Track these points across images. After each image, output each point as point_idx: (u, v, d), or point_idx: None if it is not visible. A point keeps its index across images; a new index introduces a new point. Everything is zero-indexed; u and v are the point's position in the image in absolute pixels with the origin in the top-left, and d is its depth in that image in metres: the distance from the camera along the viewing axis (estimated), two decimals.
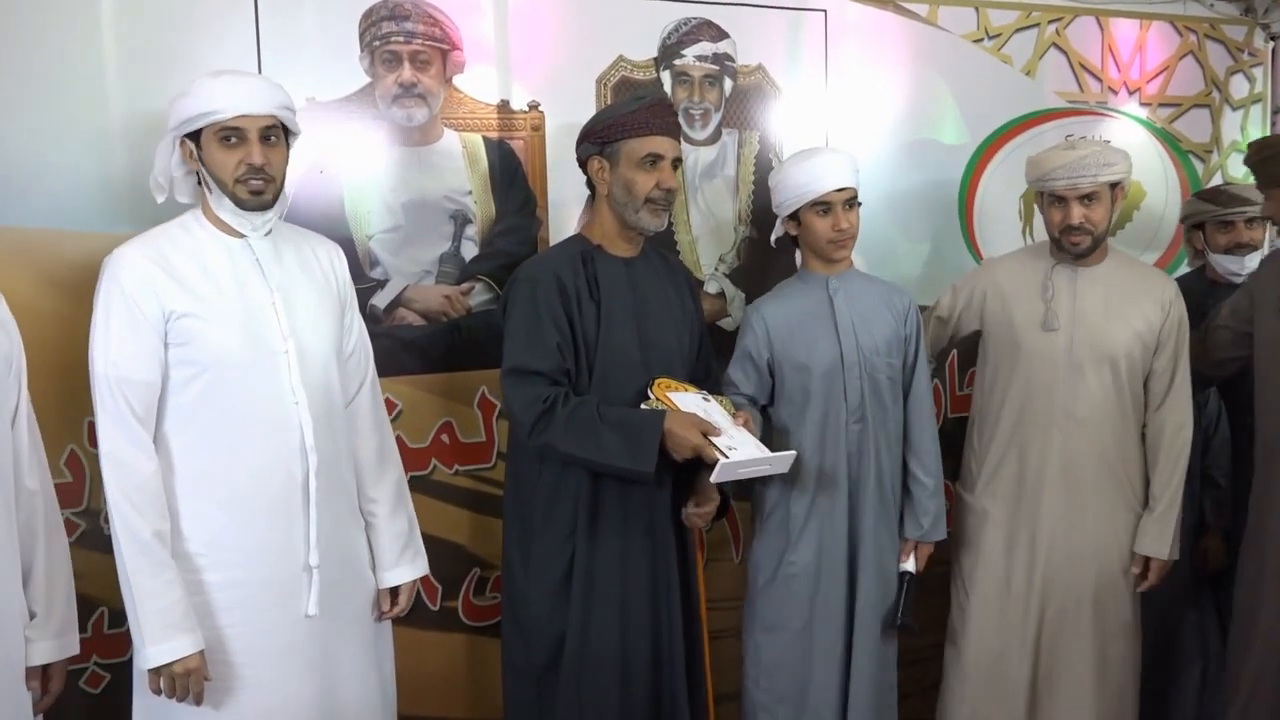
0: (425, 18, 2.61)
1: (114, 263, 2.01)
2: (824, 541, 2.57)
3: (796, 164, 2.57)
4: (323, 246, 2.26)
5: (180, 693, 1.98)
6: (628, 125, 2.33)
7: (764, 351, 2.59)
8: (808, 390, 2.57)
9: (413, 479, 2.62)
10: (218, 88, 1.99)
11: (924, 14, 3.25)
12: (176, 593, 1.97)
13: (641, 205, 2.35)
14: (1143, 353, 2.67)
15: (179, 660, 1.96)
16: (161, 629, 1.96)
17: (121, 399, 1.97)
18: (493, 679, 2.57)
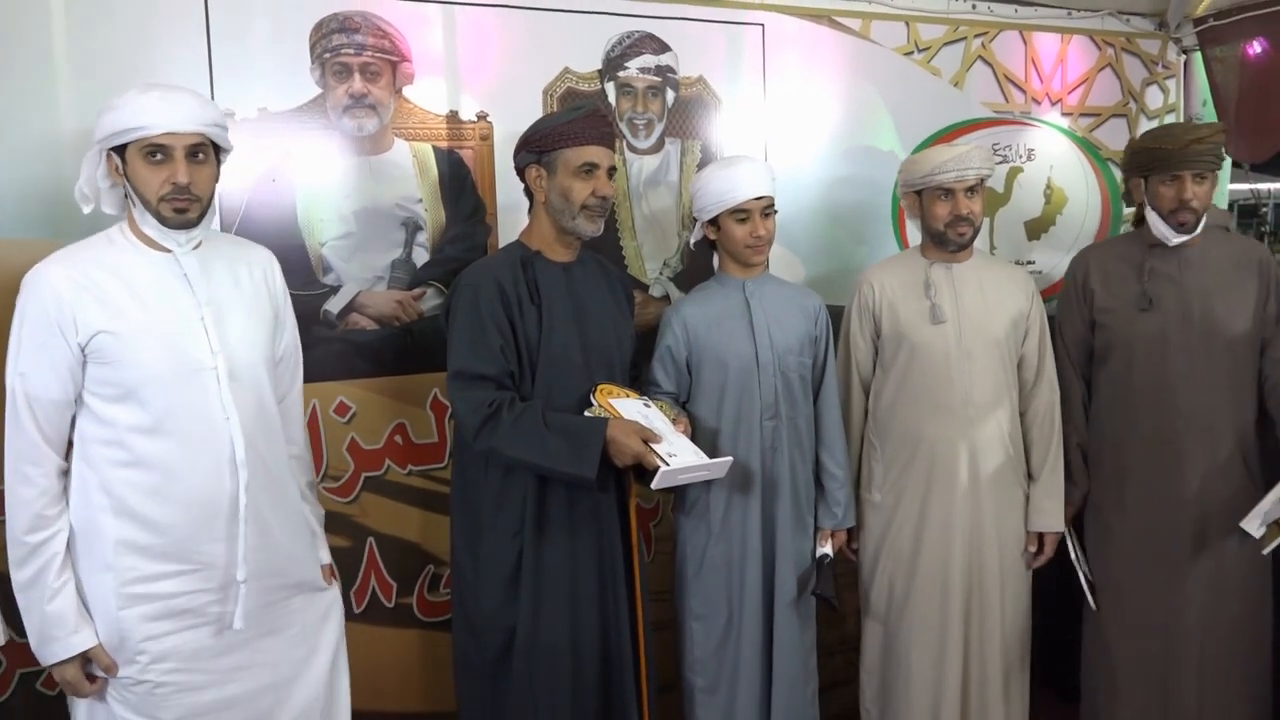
0: (375, 30, 2.58)
1: (34, 279, 1.92)
2: (742, 533, 2.58)
3: (717, 172, 2.55)
4: (255, 254, 2.17)
5: (70, 692, 1.99)
6: (564, 135, 2.31)
7: (683, 350, 2.59)
8: (723, 388, 2.57)
9: (367, 479, 2.61)
10: (145, 103, 1.89)
11: (857, 28, 3.27)
12: (56, 601, 1.93)
13: (578, 212, 2.34)
14: (1016, 338, 2.75)
15: (54, 666, 1.95)
16: (42, 635, 1.94)
17: (27, 413, 1.91)
18: (447, 673, 2.54)
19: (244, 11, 2.43)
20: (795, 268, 3.21)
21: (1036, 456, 2.77)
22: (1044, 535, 2.77)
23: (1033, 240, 3.66)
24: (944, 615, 2.72)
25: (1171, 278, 2.72)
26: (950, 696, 2.73)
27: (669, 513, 3.06)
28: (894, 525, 2.75)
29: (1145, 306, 2.73)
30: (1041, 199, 3.66)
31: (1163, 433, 2.71)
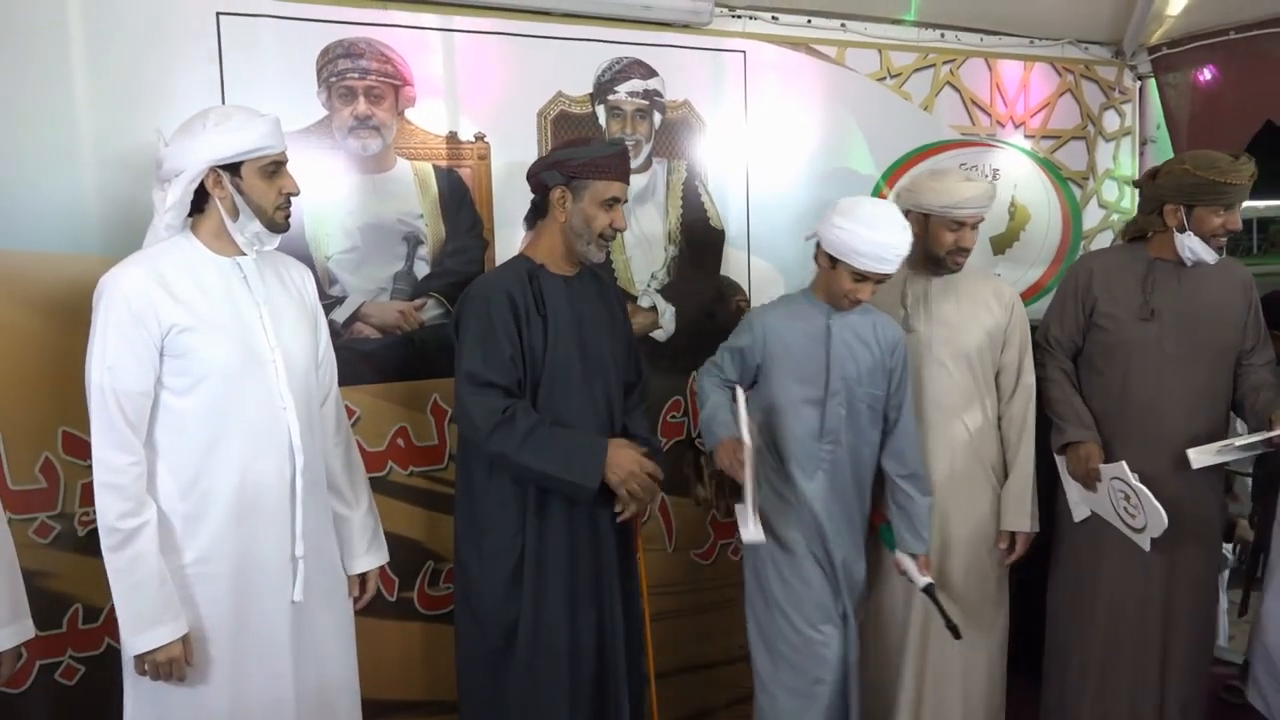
0: (378, 55, 2.62)
1: (114, 280, 1.98)
2: (803, 546, 2.60)
3: (867, 231, 2.41)
4: (295, 268, 2.27)
5: (164, 675, 1.98)
6: (599, 168, 2.36)
7: (756, 355, 2.60)
8: (787, 406, 2.57)
9: (371, 480, 2.61)
10: (266, 126, 2.04)
11: (833, 55, 3.33)
12: (155, 585, 1.96)
13: (594, 239, 2.39)
14: (992, 349, 2.79)
15: (161, 648, 1.96)
16: (143, 619, 1.95)
17: (115, 406, 1.95)
18: (447, 663, 2.57)
19: (254, 38, 2.47)
20: (775, 280, 3.26)
21: (1009, 459, 2.82)
22: (1015, 534, 2.81)
23: (998, 255, 3.73)
24: (906, 612, 2.77)
25: (1172, 291, 2.77)
26: (907, 698, 2.79)
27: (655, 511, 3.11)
28: None
29: (1146, 316, 2.77)
30: (1006, 216, 3.73)
31: (1152, 437, 2.76)
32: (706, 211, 3.16)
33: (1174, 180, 2.72)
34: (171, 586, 1.98)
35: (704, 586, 3.24)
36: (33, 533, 2.29)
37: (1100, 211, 3.95)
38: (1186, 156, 2.76)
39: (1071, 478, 2.82)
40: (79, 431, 2.01)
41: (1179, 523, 2.62)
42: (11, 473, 2.26)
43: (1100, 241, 3.90)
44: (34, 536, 2.29)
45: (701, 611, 3.23)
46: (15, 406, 2.23)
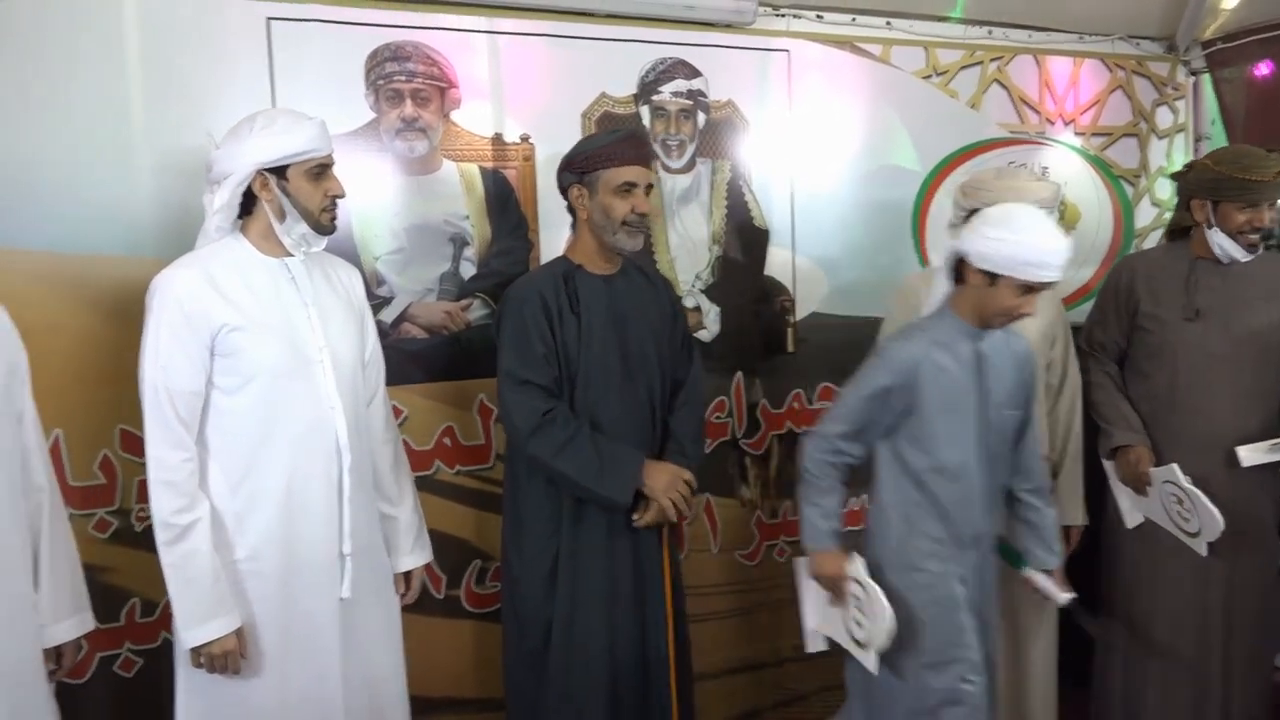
0: (425, 58, 2.64)
1: (166, 280, 2.02)
2: (964, 597, 2.33)
3: (1036, 239, 2.16)
4: (343, 269, 2.29)
5: (218, 668, 2.01)
6: (603, 156, 2.37)
7: (903, 399, 2.23)
8: (937, 437, 2.27)
9: (418, 479, 2.63)
10: (313, 130, 2.06)
11: (877, 53, 3.30)
12: (208, 580, 1.99)
13: (618, 228, 2.38)
14: (1044, 347, 2.74)
15: (215, 641, 1.99)
16: (197, 613, 1.98)
17: (168, 404, 1.98)
18: (494, 661, 2.58)
19: (304, 42, 2.50)
20: (819, 279, 3.24)
21: (1056, 454, 2.77)
22: (1068, 529, 2.76)
23: None
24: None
25: (1215, 289, 2.72)
26: None
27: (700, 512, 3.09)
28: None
29: (1191, 316, 2.72)
30: (1055, 214, 3.65)
31: (1201, 439, 2.69)
32: (750, 211, 3.14)
33: (1199, 175, 2.69)
34: (225, 581, 2.01)
35: (750, 588, 3.21)
36: (92, 528, 2.33)
37: (1153, 210, 3.86)
38: (1217, 150, 2.72)
39: (1121, 483, 2.76)
40: (136, 429, 2.04)
41: (1234, 525, 2.55)
42: (72, 469, 2.30)
43: (1153, 240, 3.82)
44: (94, 532, 2.33)
45: (747, 612, 3.21)
46: (75, 405, 2.27)
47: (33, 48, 2.23)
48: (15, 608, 1.82)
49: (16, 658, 1.82)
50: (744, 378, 3.15)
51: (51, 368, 2.13)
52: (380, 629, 2.25)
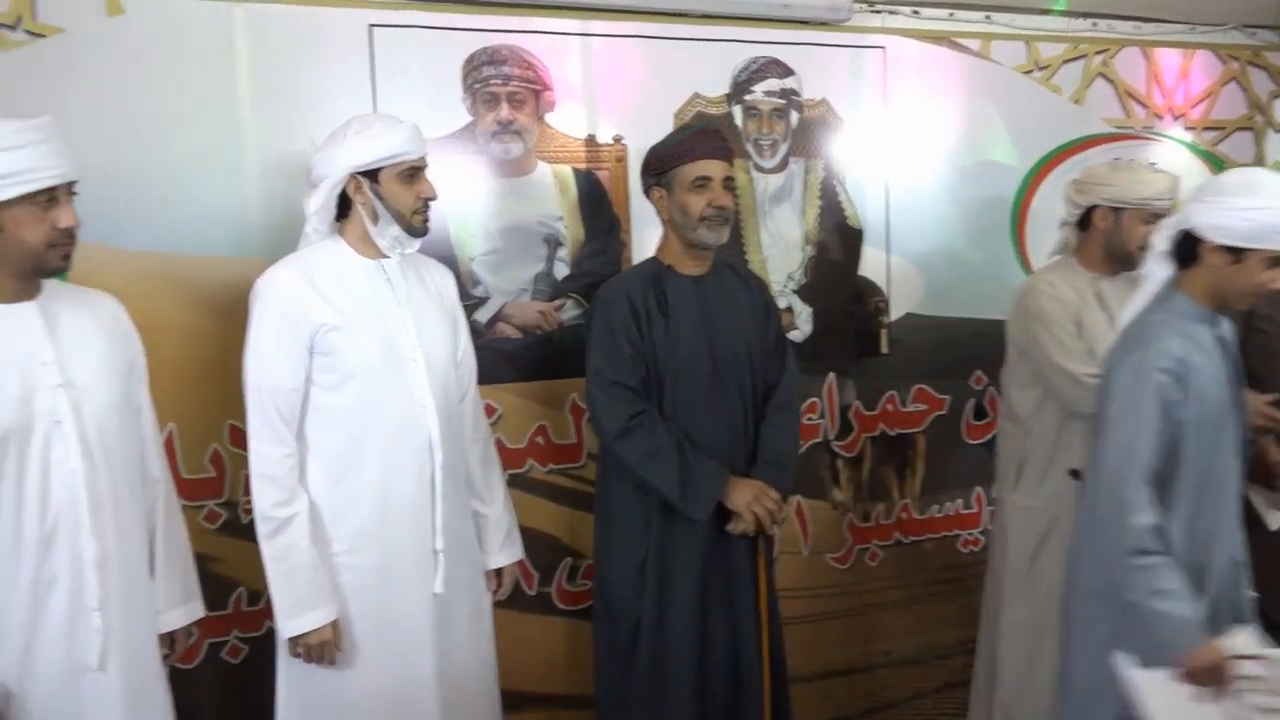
0: (520, 62, 2.67)
1: (268, 281, 2.08)
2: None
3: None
4: (437, 270, 2.32)
5: (315, 658, 2.05)
6: (676, 155, 2.36)
7: (1184, 410, 1.94)
8: (1215, 459, 2.01)
9: (511, 477, 2.67)
10: (405, 133, 2.09)
11: (976, 48, 3.22)
12: (307, 573, 2.04)
13: (698, 223, 2.36)
14: None
15: (312, 631, 2.04)
16: (296, 604, 2.03)
17: (269, 401, 2.04)
18: (585, 657, 2.59)
19: (404, 48, 2.55)
20: (914, 279, 3.18)
21: None
22: None
23: None
24: None
25: None
26: None
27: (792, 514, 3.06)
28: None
29: None
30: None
31: None
32: (844, 211, 3.09)
33: None
34: (323, 574, 2.06)
35: (841, 591, 3.17)
36: (203, 519, 2.41)
37: None
38: None
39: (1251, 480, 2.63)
40: (243, 425, 2.10)
41: None
42: (185, 462, 2.39)
43: None
44: (204, 523, 2.41)
45: (838, 616, 3.16)
46: (187, 401, 2.35)
47: (149, 59, 2.32)
48: (136, 594, 1.89)
49: (136, 642, 1.88)
50: (836, 379, 3.11)
51: (166, 364, 2.21)
52: (472, 624, 2.27)
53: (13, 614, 1.73)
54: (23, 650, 1.74)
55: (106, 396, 1.85)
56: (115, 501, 1.84)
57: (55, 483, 1.75)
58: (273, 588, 2.05)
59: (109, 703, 1.82)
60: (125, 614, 1.84)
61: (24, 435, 1.73)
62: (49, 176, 1.70)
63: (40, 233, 1.71)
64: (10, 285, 1.76)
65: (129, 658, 1.85)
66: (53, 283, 1.85)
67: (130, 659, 1.85)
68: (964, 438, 3.30)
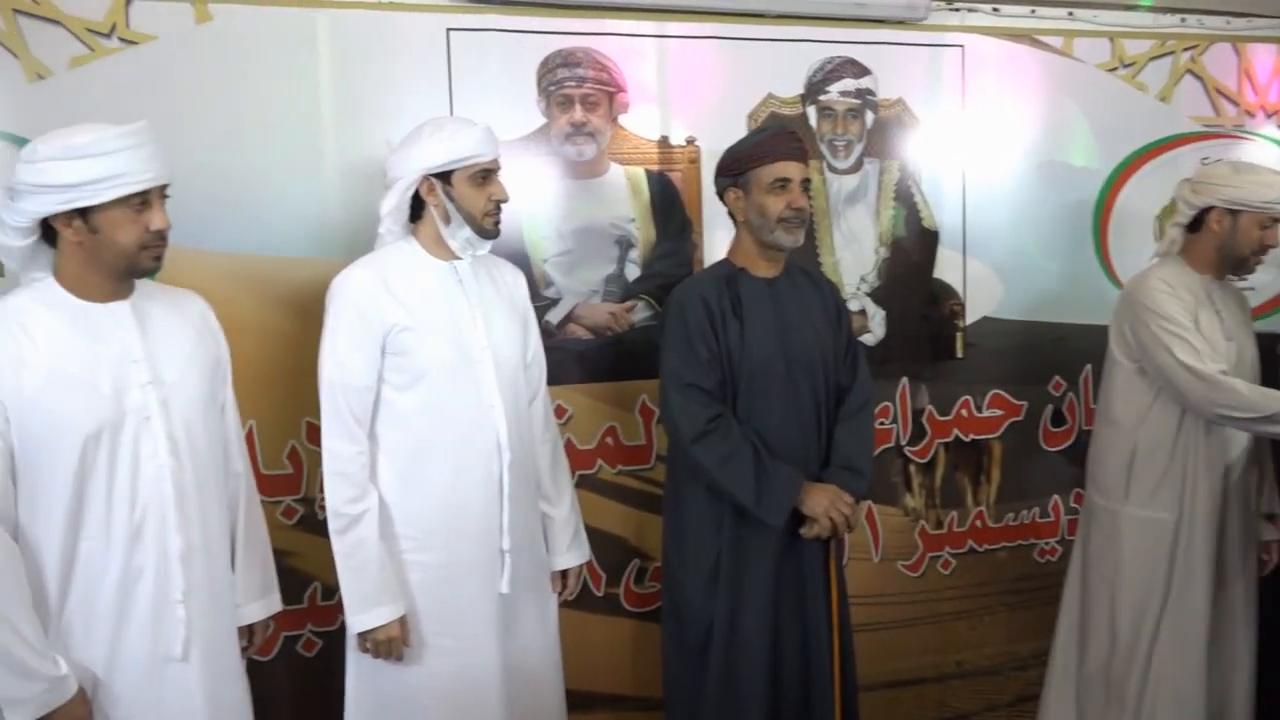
0: (595, 64, 2.67)
1: (344, 281, 2.11)
2: None
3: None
4: (508, 271, 2.34)
5: (382, 654, 2.08)
6: (755, 155, 2.34)
7: None
8: None
9: (580, 477, 2.68)
10: (478, 135, 2.11)
11: (1059, 45, 3.14)
12: (375, 569, 2.07)
13: (775, 225, 2.34)
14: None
15: (380, 627, 2.07)
16: (364, 600, 2.06)
17: (342, 399, 2.07)
18: (653, 660, 2.59)
19: (481, 52, 2.57)
20: (992, 283, 3.11)
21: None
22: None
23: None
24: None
25: None
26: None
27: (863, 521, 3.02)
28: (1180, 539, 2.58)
29: None
30: None
31: None
32: (920, 212, 3.04)
33: None
34: (391, 570, 2.08)
35: (911, 599, 3.12)
36: (280, 514, 2.47)
37: None
38: None
39: None
40: (319, 422, 2.14)
41: None
42: (264, 458, 2.44)
43: None
44: (281, 518, 2.47)
45: (909, 625, 3.11)
46: (266, 398, 2.41)
47: (235, 65, 2.38)
48: (218, 587, 1.94)
49: (217, 634, 1.92)
50: (910, 383, 3.06)
51: (246, 363, 2.24)
52: (537, 624, 2.29)
53: (102, 605, 1.78)
54: (111, 640, 1.79)
55: (193, 393, 1.89)
56: (200, 496, 1.88)
57: (144, 478, 1.80)
58: (343, 583, 2.08)
59: (190, 692, 1.86)
60: (207, 606, 1.89)
61: (115, 431, 1.77)
62: (142, 180, 1.74)
63: (133, 235, 1.76)
64: (105, 285, 1.81)
65: (210, 649, 1.89)
66: (144, 282, 1.90)
67: (211, 650, 1.90)
68: (1041, 444, 3.22)
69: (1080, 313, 3.19)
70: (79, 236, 1.74)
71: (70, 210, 1.72)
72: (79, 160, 1.69)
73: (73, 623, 1.77)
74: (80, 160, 1.69)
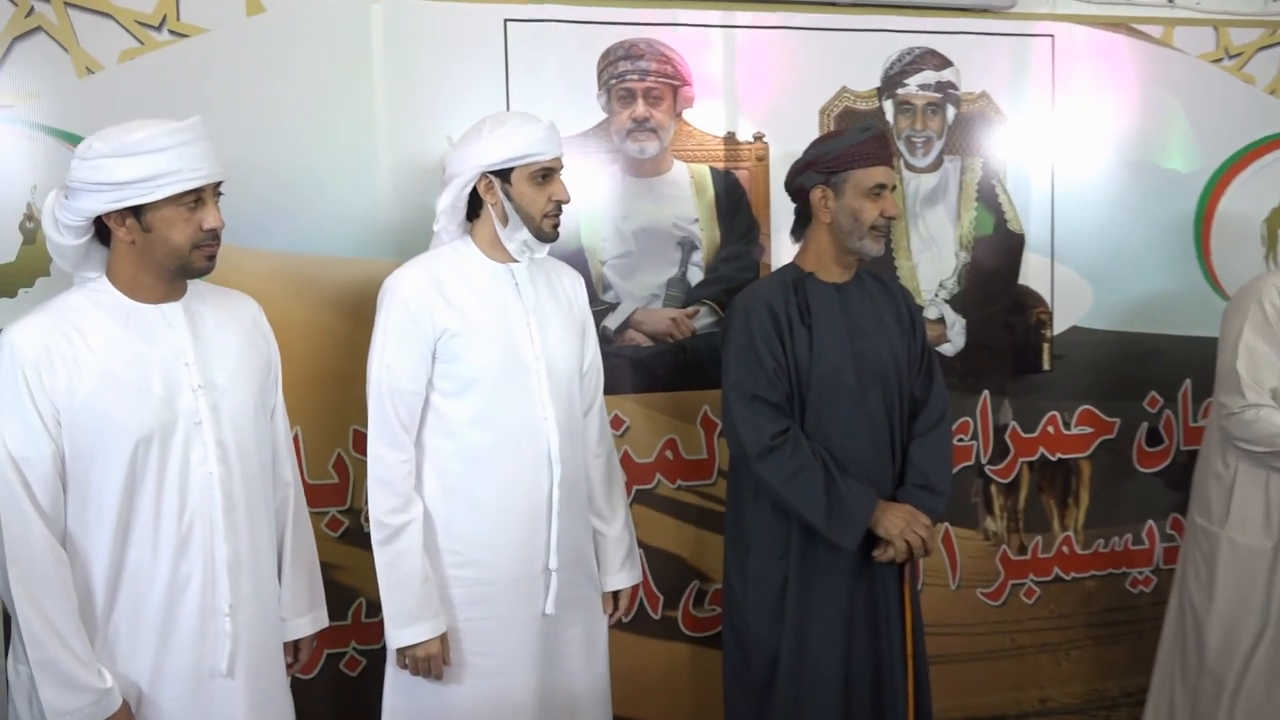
0: (658, 56, 2.71)
1: (396, 283, 2.15)
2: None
3: None
4: (567, 274, 2.36)
5: (421, 671, 2.12)
6: (856, 156, 2.34)
7: None
8: None
9: (638, 493, 2.71)
10: (539, 132, 2.13)
11: (1158, 35, 3.11)
12: (417, 583, 2.10)
13: (866, 232, 2.35)
14: None
15: (420, 644, 2.10)
16: (405, 615, 2.10)
17: (389, 404, 2.12)
18: (712, 688, 2.60)
19: (539, 44, 2.62)
20: (1082, 291, 3.09)
21: None
22: None
23: None
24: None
25: None
26: None
27: None
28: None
29: None
30: None
31: None
32: (1004, 213, 3.03)
33: None
34: (433, 585, 2.12)
35: (991, 630, 3.10)
36: (325, 526, 2.52)
37: None
38: None
39: None
40: (366, 429, 2.19)
41: None
42: (309, 467, 2.49)
43: None
44: (326, 530, 2.52)
45: (989, 658, 3.10)
46: (313, 404, 2.46)
47: (288, 57, 2.45)
48: (264, 599, 1.99)
49: (263, 649, 1.97)
50: (991, 397, 3.05)
51: (293, 366, 2.28)
52: (583, 648, 2.30)
53: (148, 616, 1.84)
54: (156, 653, 1.84)
55: (243, 398, 1.95)
56: (248, 505, 1.93)
57: (193, 484, 1.85)
58: (384, 596, 2.12)
59: (234, 710, 1.91)
60: (253, 619, 1.93)
61: (166, 436, 1.83)
62: (196, 178, 1.80)
63: (186, 233, 1.82)
64: (157, 286, 1.88)
65: (255, 664, 1.94)
66: (196, 283, 1.96)
67: (256, 666, 1.94)
68: (1135, 465, 3.19)
69: (1179, 323, 3.16)
70: (132, 235, 1.81)
71: (123, 209, 1.78)
72: (132, 157, 1.75)
73: (118, 634, 1.83)
74: (133, 157, 1.76)
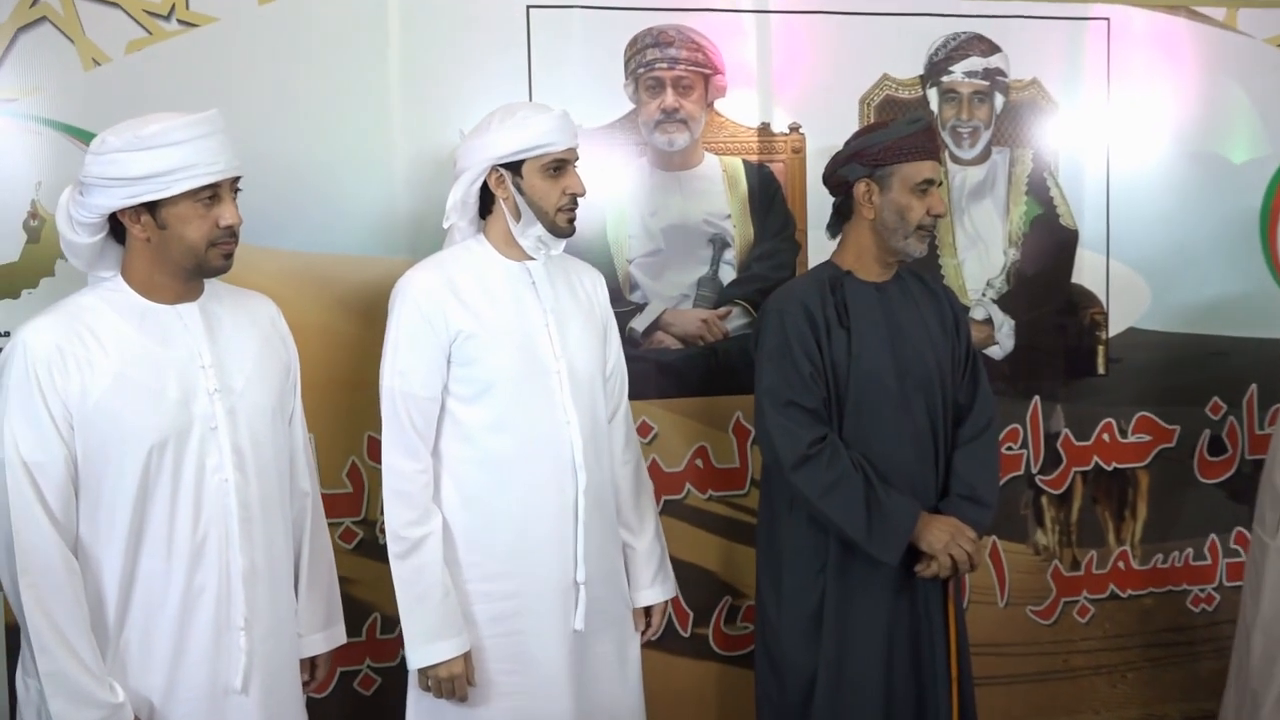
0: (689, 43, 2.71)
1: (408, 285, 2.16)
2: None
3: None
4: (587, 273, 2.37)
5: (445, 693, 2.12)
6: (905, 149, 2.33)
7: None
8: None
9: (666, 503, 2.72)
10: (550, 123, 2.13)
11: (1221, 18, 3.09)
12: (438, 599, 2.11)
13: (912, 231, 2.35)
14: None
15: (442, 663, 2.10)
16: (426, 632, 2.10)
17: (404, 412, 2.12)
18: (745, 711, 2.61)
19: (563, 31, 2.63)
20: (1140, 291, 3.07)
21: None
22: None
23: None
24: None
25: None
26: None
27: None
28: None
29: None
30: None
31: None
32: (1056, 208, 3.02)
33: None
34: (455, 601, 2.12)
35: (1042, 650, 3.09)
36: (339, 537, 2.54)
37: None
38: None
39: None
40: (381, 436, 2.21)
41: None
42: (322, 476, 2.46)
43: None
44: (340, 542, 2.54)
45: (1039, 680, 3.09)
46: (327, 409, 2.48)
47: (301, 47, 2.48)
48: (281, 614, 2.00)
49: (278, 665, 1.98)
50: (1042, 403, 3.04)
51: (305, 370, 2.28)
52: (616, 666, 2.30)
53: (161, 629, 1.86)
54: (169, 668, 1.86)
55: (261, 403, 1.97)
56: (264, 514, 1.95)
57: (208, 491, 1.87)
58: (403, 613, 2.12)
59: None
60: (269, 634, 1.95)
61: (181, 441, 1.85)
62: (212, 172, 1.82)
63: (202, 230, 1.84)
64: (173, 286, 1.90)
65: (271, 681, 1.95)
66: (213, 283, 1.98)
67: (271, 683, 1.96)
68: (1197, 475, 3.17)
69: (1243, 323, 3.14)
70: (147, 233, 1.83)
71: (138, 205, 1.80)
72: (146, 151, 1.78)
73: (130, 647, 1.85)
74: (148, 151, 1.78)
